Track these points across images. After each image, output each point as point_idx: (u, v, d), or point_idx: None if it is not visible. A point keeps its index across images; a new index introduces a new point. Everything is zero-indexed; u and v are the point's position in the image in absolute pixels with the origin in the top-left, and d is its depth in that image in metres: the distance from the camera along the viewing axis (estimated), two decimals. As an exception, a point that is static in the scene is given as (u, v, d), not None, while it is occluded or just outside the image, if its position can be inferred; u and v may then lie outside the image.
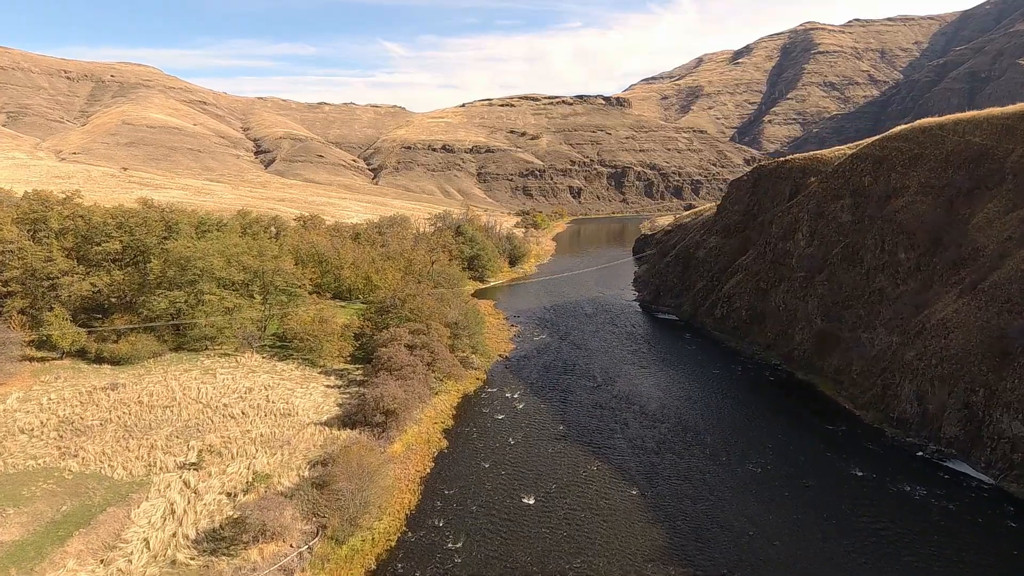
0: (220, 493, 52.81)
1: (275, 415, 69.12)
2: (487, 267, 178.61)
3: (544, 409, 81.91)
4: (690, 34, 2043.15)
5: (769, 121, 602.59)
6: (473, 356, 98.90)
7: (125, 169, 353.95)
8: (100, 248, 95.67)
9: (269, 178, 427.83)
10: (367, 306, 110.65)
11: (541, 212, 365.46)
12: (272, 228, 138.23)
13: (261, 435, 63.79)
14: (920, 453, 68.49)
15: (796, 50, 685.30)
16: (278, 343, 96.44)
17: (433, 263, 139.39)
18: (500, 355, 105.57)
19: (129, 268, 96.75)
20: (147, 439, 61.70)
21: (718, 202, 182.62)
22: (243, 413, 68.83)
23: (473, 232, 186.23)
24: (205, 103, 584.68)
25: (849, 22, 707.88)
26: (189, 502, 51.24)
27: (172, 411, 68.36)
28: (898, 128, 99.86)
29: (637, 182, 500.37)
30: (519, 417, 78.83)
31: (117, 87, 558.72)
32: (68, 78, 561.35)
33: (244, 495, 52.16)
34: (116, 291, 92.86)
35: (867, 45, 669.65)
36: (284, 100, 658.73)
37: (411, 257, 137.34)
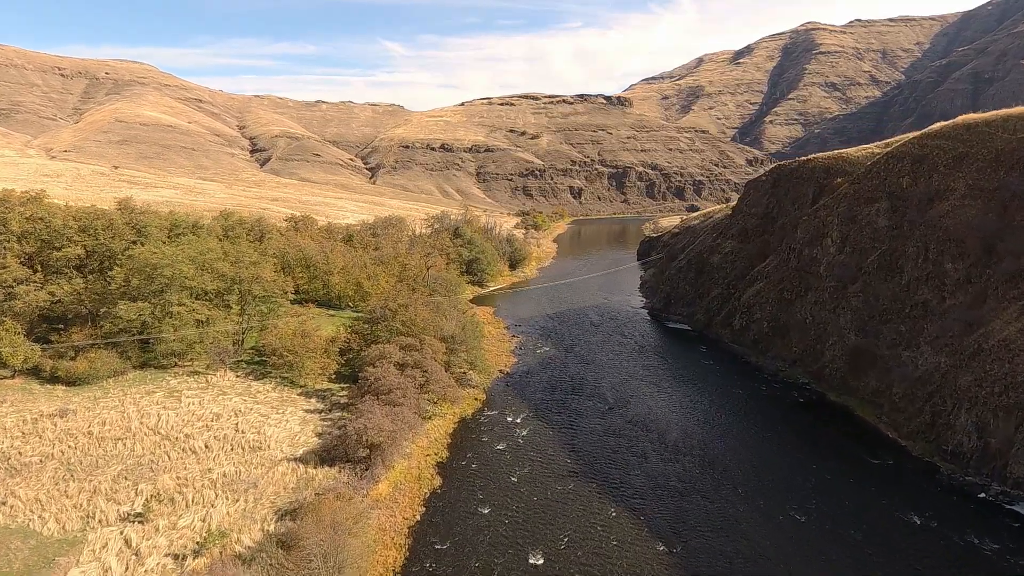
0: (166, 555, 43.96)
1: (243, 449, 60.21)
2: (486, 271, 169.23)
3: (550, 437, 73.07)
4: (690, 34, 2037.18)
5: (770, 121, 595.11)
6: (471, 372, 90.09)
7: (116, 167, 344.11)
8: (60, 253, 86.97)
9: (264, 177, 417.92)
10: (357, 315, 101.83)
11: (541, 213, 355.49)
12: (257, 229, 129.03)
13: (224, 475, 54.95)
14: (982, 495, 59.92)
15: (797, 50, 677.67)
16: (256, 358, 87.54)
17: (429, 268, 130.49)
18: (500, 370, 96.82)
19: (93, 276, 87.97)
20: (90, 481, 52.83)
21: (722, 203, 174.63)
22: (206, 446, 59.94)
23: (472, 234, 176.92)
24: (200, 101, 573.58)
25: (850, 22, 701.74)
26: (127, 568, 42.42)
27: (125, 444, 59.45)
28: (938, 125, 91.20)
29: (638, 182, 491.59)
30: (522, 447, 69.95)
31: (111, 84, 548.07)
32: (62, 75, 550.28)
33: (194, 558, 43.35)
34: (77, 301, 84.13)
35: (868, 45, 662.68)
36: (281, 98, 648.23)
37: (405, 262, 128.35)
